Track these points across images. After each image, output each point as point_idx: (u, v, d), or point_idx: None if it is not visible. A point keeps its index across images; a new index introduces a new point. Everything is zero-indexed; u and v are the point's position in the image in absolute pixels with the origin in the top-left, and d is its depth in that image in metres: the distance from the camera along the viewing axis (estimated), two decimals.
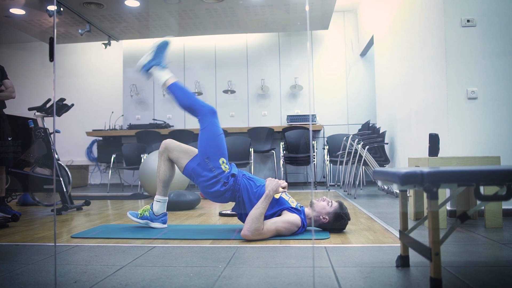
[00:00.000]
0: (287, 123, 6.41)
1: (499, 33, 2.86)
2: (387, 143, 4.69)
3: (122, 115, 7.04)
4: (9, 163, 3.17)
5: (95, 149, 7.27)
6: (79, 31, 5.73)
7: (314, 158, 6.33)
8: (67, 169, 3.64)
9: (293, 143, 6.02)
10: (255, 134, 6.19)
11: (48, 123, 3.62)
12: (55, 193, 3.55)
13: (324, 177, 6.31)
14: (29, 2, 5.15)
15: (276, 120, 6.74)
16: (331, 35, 6.71)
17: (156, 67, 2.47)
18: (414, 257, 1.65)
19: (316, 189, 5.65)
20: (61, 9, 5.16)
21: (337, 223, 2.28)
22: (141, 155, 5.78)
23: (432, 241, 1.28)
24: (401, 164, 4.25)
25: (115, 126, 6.98)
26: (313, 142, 6.26)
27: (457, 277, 1.48)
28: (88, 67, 7.55)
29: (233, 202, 2.41)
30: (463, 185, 1.40)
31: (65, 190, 3.48)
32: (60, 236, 2.40)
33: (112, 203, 4.25)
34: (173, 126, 6.83)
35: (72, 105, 3.73)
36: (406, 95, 4.00)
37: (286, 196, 2.33)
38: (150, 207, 2.54)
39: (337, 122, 6.60)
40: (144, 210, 2.55)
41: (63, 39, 6.62)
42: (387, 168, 1.66)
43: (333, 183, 6.10)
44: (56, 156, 3.46)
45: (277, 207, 2.26)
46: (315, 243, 2.07)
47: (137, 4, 5.26)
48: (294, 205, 2.31)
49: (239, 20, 5.87)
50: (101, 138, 6.98)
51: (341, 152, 4.92)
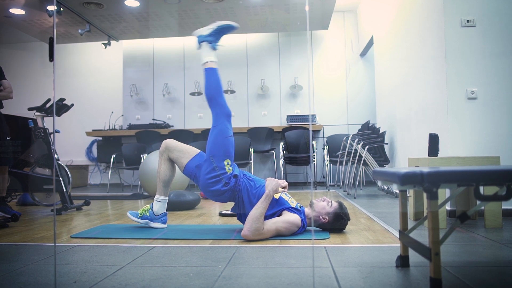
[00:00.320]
0: (287, 123, 6.41)
1: (499, 33, 2.86)
2: (387, 143, 4.69)
3: (122, 115, 7.04)
4: (9, 162, 3.17)
5: (95, 149, 7.27)
6: (79, 31, 5.73)
7: (314, 158, 6.33)
8: (67, 169, 3.64)
9: (293, 143, 6.02)
10: (255, 134, 6.19)
11: (48, 123, 3.62)
12: (55, 193, 3.55)
13: (324, 177, 6.31)
14: (29, 2, 5.15)
15: (276, 120, 6.74)
16: (331, 35, 6.72)
17: (208, 44, 2.47)
18: (414, 257, 1.65)
19: (316, 189, 5.65)
20: (61, 9, 5.16)
21: (337, 223, 2.28)
22: (141, 155, 5.78)
23: (432, 241, 1.28)
24: (401, 164, 4.25)
25: (115, 126, 6.98)
26: (313, 142, 6.26)
27: (457, 277, 1.48)
28: (88, 67, 7.55)
29: (232, 202, 2.41)
30: (463, 185, 1.40)
31: (65, 190, 3.48)
32: (60, 236, 2.40)
33: (112, 203, 4.25)
34: (173, 126, 6.83)
35: (72, 105, 3.73)
36: (406, 95, 4.00)
37: (286, 196, 2.33)
38: (150, 207, 2.55)
39: (337, 122, 6.60)
40: (144, 210, 2.55)
41: (63, 39, 6.62)
42: (387, 168, 1.66)
43: (333, 183, 6.10)
44: (56, 156, 3.45)
45: (277, 207, 2.26)
46: (315, 243, 2.07)
47: (137, 4, 5.26)
48: (294, 205, 2.31)
49: (239, 20, 5.86)
50: (101, 138, 6.98)
51: (341, 152, 4.92)
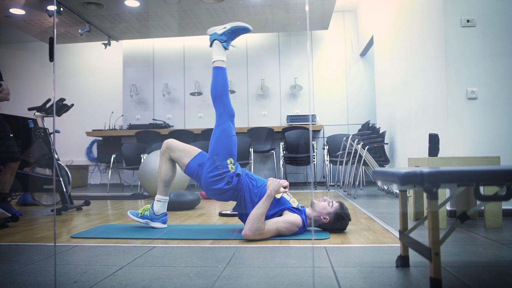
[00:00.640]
0: (287, 123, 6.41)
1: (499, 33, 2.86)
2: (387, 143, 4.69)
3: (122, 115, 7.04)
4: (17, 159, 3.19)
5: (95, 149, 7.27)
6: (79, 31, 5.74)
7: (314, 158, 6.33)
8: (67, 169, 3.64)
9: (293, 143, 6.02)
10: (255, 134, 6.19)
11: (48, 123, 3.62)
12: (55, 193, 3.55)
13: (324, 177, 6.31)
14: (29, 2, 5.15)
15: (276, 120, 6.74)
16: (331, 35, 6.72)
17: (220, 43, 2.49)
18: (414, 257, 1.65)
19: (316, 189, 5.65)
20: (61, 9, 5.16)
21: (337, 223, 2.28)
22: (141, 155, 5.78)
23: (432, 241, 1.28)
24: (401, 164, 4.25)
25: (115, 126, 6.98)
26: (313, 142, 6.26)
27: (457, 277, 1.48)
28: (88, 67, 7.55)
29: (233, 202, 2.41)
30: (463, 185, 1.40)
31: (65, 190, 3.48)
32: (60, 236, 2.40)
33: (112, 203, 4.25)
34: (173, 126, 6.83)
35: (72, 105, 3.73)
36: (406, 95, 4.00)
37: (288, 196, 2.33)
38: (151, 206, 2.55)
39: (337, 122, 6.60)
40: (145, 210, 2.55)
41: (63, 39, 6.62)
42: (387, 168, 1.66)
43: (333, 183, 6.10)
44: (56, 156, 3.45)
45: (278, 207, 2.26)
46: (315, 243, 2.07)
47: (137, 4, 5.26)
48: (295, 205, 2.31)
49: (239, 20, 5.82)
50: (101, 138, 6.98)
51: (341, 152, 4.92)
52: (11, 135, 3.15)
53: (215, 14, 5.60)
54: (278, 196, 2.26)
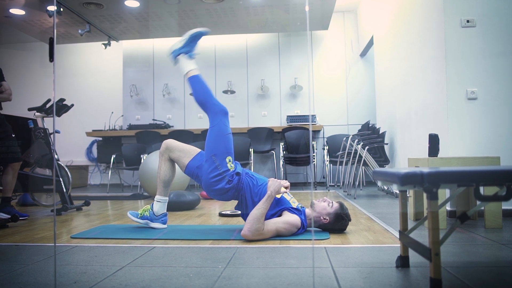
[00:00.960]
0: (287, 123, 6.41)
1: (499, 33, 2.86)
2: (387, 144, 4.69)
3: (122, 115, 7.04)
4: (19, 159, 3.19)
5: (95, 149, 7.26)
6: (79, 31, 5.73)
7: (314, 159, 6.33)
8: (67, 169, 3.64)
9: (293, 144, 6.02)
10: (255, 134, 6.19)
11: (48, 123, 3.62)
12: (55, 193, 3.55)
13: (324, 177, 6.31)
14: (29, 2, 5.15)
15: (276, 120, 6.74)
16: (331, 35, 6.72)
17: (184, 55, 2.51)
18: (414, 257, 1.65)
19: (316, 189, 5.65)
20: (61, 9, 5.16)
21: (337, 223, 2.28)
22: (141, 156, 5.78)
23: (432, 241, 1.28)
24: (401, 165, 4.25)
25: (115, 126, 6.98)
26: (313, 142, 6.26)
27: (457, 278, 1.48)
28: (88, 67, 7.55)
29: (233, 202, 2.41)
30: (463, 186, 1.40)
31: (65, 191, 3.48)
32: (60, 237, 2.40)
33: (112, 203, 4.25)
34: (173, 127, 6.83)
35: (72, 105, 3.73)
36: (406, 95, 4.00)
37: (288, 196, 2.33)
38: (150, 207, 2.55)
39: (337, 123, 6.60)
40: (144, 210, 2.55)
41: (63, 39, 6.62)
42: (387, 169, 1.66)
43: (333, 184, 6.09)
44: (56, 157, 3.45)
45: (278, 207, 2.26)
46: (315, 243, 2.07)
47: (137, 5, 5.26)
48: (295, 205, 2.31)
49: (239, 20, 5.87)
50: (101, 139, 6.98)
51: (341, 152, 4.92)
52: (13, 136, 3.15)
53: (215, 14, 5.60)
54: (278, 196, 2.26)
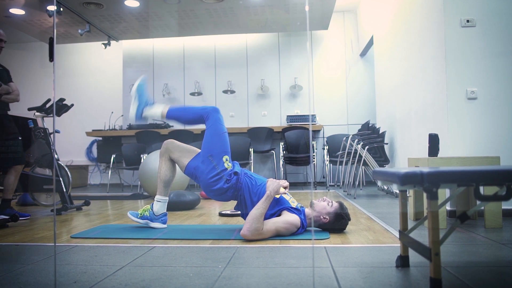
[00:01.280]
0: (287, 123, 6.41)
1: (499, 33, 2.86)
2: (386, 143, 4.69)
3: (122, 115, 7.04)
4: (22, 161, 3.19)
5: (94, 149, 7.27)
6: (79, 31, 5.74)
7: (314, 158, 6.33)
8: (67, 169, 3.64)
9: (293, 143, 6.02)
10: (255, 134, 6.19)
11: (48, 123, 3.62)
12: (55, 193, 3.55)
13: (323, 177, 6.31)
14: (29, 2, 5.15)
15: (276, 120, 6.74)
16: (331, 35, 6.72)
17: (146, 107, 2.53)
18: (414, 257, 1.65)
19: (315, 189, 5.65)
20: (61, 9, 5.16)
21: (337, 223, 2.28)
22: (141, 155, 5.78)
23: (432, 241, 1.28)
24: (401, 164, 4.25)
25: (114, 126, 6.98)
26: (312, 142, 6.26)
27: (457, 277, 1.48)
28: (88, 67, 7.55)
29: (233, 202, 2.42)
30: (463, 185, 1.40)
31: (65, 190, 3.48)
32: (60, 236, 2.40)
33: (112, 203, 4.25)
34: (172, 126, 6.82)
35: (72, 105, 3.73)
36: (406, 95, 4.00)
37: (287, 196, 2.33)
38: (150, 207, 2.55)
39: (336, 122, 6.60)
40: (144, 210, 2.55)
41: (63, 39, 6.62)
42: (386, 168, 1.66)
43: (333, 183, 6.10)
44: (56, 156, 3.45)
45: (277, 206, 2.26)
46: (315, 243, 2.07)
47: (137, 4, 5.26)
48: (294, 205, 2.31)
49: (239, 20, 5.87)
50: (100, 138, 6.97)
51: (340, 152, 4.92)
52: (19, 138, 3.16)
53: (215, 14, 5.60)
54: (277, 196, 2.26)
